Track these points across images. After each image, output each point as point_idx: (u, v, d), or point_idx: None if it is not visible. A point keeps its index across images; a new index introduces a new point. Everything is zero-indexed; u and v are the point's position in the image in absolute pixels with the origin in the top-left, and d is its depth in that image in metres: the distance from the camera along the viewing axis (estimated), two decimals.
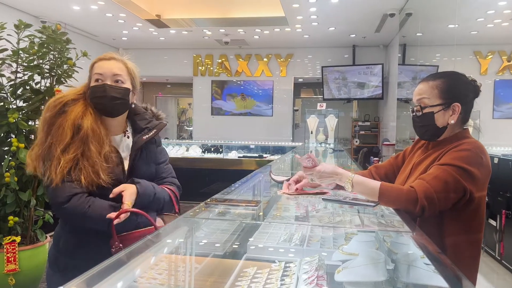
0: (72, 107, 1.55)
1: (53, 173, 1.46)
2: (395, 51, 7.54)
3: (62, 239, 1.60)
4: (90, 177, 1.48)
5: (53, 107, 1.54)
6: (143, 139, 1.67)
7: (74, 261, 1.53)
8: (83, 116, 1.54)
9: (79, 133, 1.51)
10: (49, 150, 1.50)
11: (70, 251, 1.57)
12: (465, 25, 6.38)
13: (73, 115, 1.53)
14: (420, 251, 1.16)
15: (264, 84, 9.36)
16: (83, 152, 1.50)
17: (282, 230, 1.55)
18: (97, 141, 1.53)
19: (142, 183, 1.59)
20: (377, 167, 1.92)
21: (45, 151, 1.51)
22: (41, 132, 1.54)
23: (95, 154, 1.50)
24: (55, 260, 1.60)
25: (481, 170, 1.47)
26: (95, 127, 1.54)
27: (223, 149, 7.03)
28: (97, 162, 1.50)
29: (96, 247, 1.48)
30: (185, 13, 7.00)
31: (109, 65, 1.60)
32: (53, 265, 1.61)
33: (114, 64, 1.60)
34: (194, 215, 1.51)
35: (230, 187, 1.99)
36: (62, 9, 6.46)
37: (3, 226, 2.87)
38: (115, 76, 1.59)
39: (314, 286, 1.02)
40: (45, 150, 1.51)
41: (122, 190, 1.52)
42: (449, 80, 1.59)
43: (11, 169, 2.77)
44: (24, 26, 2.89)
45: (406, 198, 1.42)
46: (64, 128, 1.50)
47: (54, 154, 1.48)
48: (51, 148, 1.49)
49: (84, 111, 1.55)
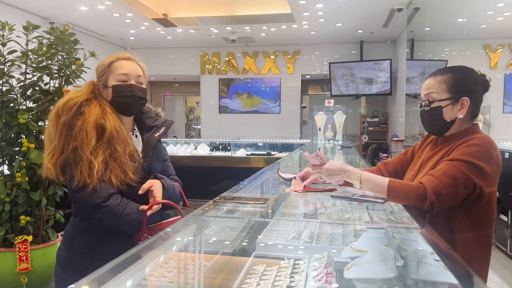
0: (87, 107, 1.55)
1: (85, 176, 1.45)
2: (403, 46, 7.48)
3: (78, 240, 1.58)
4: (120, 176, 1.50)
5: (68, 109, 1.53)
6: (155, 136, 1.70)
7: (93, 261, 1.52)
8: (103, 116, 1.54)
9: (103, 134, 1.52)
10: (75, 154, 1.48)
11: (88, 251, 1.55)
12: (474, 19, 6.30)
13: (93, 116, 1.52)
14: (429, 248, 1.15)
15: (271, 82, 9.35)
16: (111, 153, 1.51)
17: (290, 227, 1.55)
18: (121, 141, 1.55)
19: (166, 179, 1.66)
20: (386, 164, 1.91)
21: (69, 156, 1.49)
22: (59, 136, 1.51)
23: (122, 153, 1.52)
24: (70, 262, 1.57)
25: (491, 165, 1.46)
26: (118, 127, 1.55)
27: (231, 147, 7.04)
28: (124, 161, 1.52)
29: (115, 245, 1.46)
30: (191, 11, 7.01)
31: (131, 65, 1.63)
32: (67, 267, 1.58)
33: (135, 65, 1.64)
34: (203, 213, 1.52)
35: (238, 185, 2.00)
36: (70, 10, 6.51)
37: (15, 226, 2.90)
38: (138, 78, 1.63)
39: (323, 283, 1.02)
40: (70, 154, 1.49)
41: (150, 185, 1.57)
42: (457, 74, 1.58)
43: (22, 169, 2.80)
44: (33, 27, 2.92)
45: (415, 194, 1.41)
46: (87, 130, 1.49)
47: (82, 157, 1.47)
48: (77, 151, 1.48)
49: (103, 111, 1.55)
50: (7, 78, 2.90)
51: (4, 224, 2.89)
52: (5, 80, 2.89)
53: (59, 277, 1.63)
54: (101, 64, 1.63)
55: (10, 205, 2.85)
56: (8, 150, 2.88)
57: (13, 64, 2.90)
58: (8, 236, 2.88)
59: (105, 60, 1.63)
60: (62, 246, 1.65)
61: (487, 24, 6.66)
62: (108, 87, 1.60)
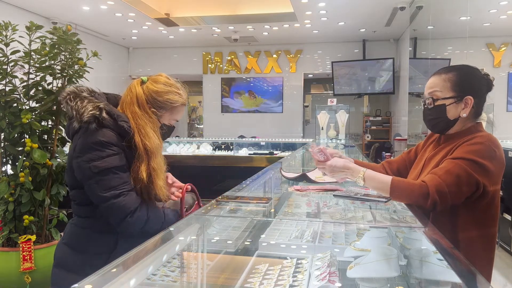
0: None
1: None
2: (406, 45, 7.46)
3: (94, 240, 1.54)
4: None
5: None
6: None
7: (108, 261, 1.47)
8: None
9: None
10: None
11: (106, 253, 1.50)
12: (478, 17, 6.27)
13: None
14: (433, 247, 1.15)
15: (273, 81, 9.34)
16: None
17: (293, 226, 1.55)
18: None
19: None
20: (390, 162, 1.91)
21: None
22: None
23: None
24: (80, 266, 1.51)
25: (494, 163, 1.45)
26: None
27: (233, 147, 7.03)
28: None
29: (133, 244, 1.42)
30: (194, 11, 7.01)
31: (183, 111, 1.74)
32: (80, 270, 1.50)
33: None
34: (206, 212, 1.52)
35: (241, 184, 2.00)
36: (72, 10, 6.52)
37: (19, 225, 2.91)
38: None
39: (326, 283, 1.02)
40: None
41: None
42: (461, 73, 1.57)
43: (26, 169, 2.80)
44: (36, 27, 2.92)
45: (418, 192, 1.41)
46: None
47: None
48: None
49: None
50: (10, 78, 2.90)
51: (7, 224, 2.90)
52: (8, 80, 2.90)
53: (61, 280, 1.57)
54: (166, 98, 1.62)
55: (13, 204, 2.86)
56: (12, 150, 2.89)
57: (16, 64, 2.91)
58: (12, 235, 2.89)
59: (172, 97, 1.62)
60: (68, 250, 1.58)
61: (491, 22, 6.63)
62: (159, 121, 1.62)
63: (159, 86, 1.60)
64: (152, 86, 1.60)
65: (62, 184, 3.01)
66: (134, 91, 1.59)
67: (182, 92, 1.66)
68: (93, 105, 1.48)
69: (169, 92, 1.61)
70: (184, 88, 1.68)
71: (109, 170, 1.44)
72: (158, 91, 1.59)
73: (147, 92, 1.59)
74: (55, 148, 2.99)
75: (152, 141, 1.53)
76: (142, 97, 1.58)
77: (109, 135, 1.46)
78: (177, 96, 1.63)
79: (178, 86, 1.66)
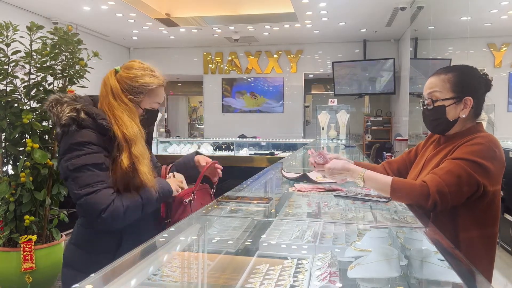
0: None
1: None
2: (407, 45, 7.45)
3: (99, 241, 1.53)
4: None
5: None
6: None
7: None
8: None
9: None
10: None
11: (112, 252, 1.51)
12: (478, 17, 6.27)
13: None
14: (433, 247, 1.15)
15: (274, 81, 9.34)
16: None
17: (294, 227, 1.55)
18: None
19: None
20: (390, 163, 1.91)
21: None
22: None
23: None
24: (89, 265, 1.50)
25: (495, 163, 1.45)
26: None
27: (234, 147, 7.03)
28: None
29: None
30: (194, 11, 7.01)
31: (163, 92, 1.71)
32: (89, 269, 1.50)
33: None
34: (206, 212, 1.52)
35: (241, 185, 2.00)
36: (73, 10, 6.53)
37: (20, 225, 2.92)
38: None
39: (327, 283, 1.02)
40: None
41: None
42: (461, 73, 1.57)
43: (26, 169, 2.81)
44: (36, 27, 2.93)
45: (418, 193, 1.41)
46: None
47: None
48: None
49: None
50: (11, 79, 2.91)
51: (8, 224, 2.91)
52: (9, 80, 2.91)
53: (68, 279, 1.57)
54: (141, 82, 1.59)
55: (14, 205, 2.86)
56: (12, 150, 2.89)
57: (17, 65, 2.92)
58: (13, 235, 2.89)
59: (147, 80, 1.60)
60: (76, 250, 1.58)
61: (491, 22, 6.63)
62: (140, 107, 1.60)
63: (132, 72, 1.58)
64: (125, 73, 1.58)
65: (62, 184, 3.01)
66: (108, 83, 1.57)
67: (157, 74, 1.63)
68: (70, 107, 1.48)
69: (143, 76, 1.59)
70: (159, 70, 1.66)
71: (84, 167, 1.43)
72: (131, 76, 1.57)
73: (121, 80, 1.57)
74: (55, 148, 2.99)
75: (130, 129, 1.51)
76: (116, 87, 1.56)
77: (88, 135, 1.46)
78: (153, 78, 1.61)
79: (152, 68, 1.64)
